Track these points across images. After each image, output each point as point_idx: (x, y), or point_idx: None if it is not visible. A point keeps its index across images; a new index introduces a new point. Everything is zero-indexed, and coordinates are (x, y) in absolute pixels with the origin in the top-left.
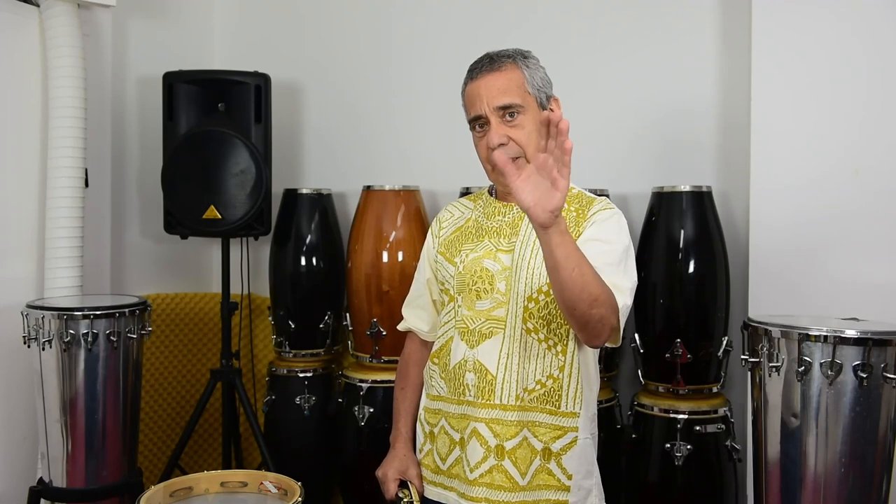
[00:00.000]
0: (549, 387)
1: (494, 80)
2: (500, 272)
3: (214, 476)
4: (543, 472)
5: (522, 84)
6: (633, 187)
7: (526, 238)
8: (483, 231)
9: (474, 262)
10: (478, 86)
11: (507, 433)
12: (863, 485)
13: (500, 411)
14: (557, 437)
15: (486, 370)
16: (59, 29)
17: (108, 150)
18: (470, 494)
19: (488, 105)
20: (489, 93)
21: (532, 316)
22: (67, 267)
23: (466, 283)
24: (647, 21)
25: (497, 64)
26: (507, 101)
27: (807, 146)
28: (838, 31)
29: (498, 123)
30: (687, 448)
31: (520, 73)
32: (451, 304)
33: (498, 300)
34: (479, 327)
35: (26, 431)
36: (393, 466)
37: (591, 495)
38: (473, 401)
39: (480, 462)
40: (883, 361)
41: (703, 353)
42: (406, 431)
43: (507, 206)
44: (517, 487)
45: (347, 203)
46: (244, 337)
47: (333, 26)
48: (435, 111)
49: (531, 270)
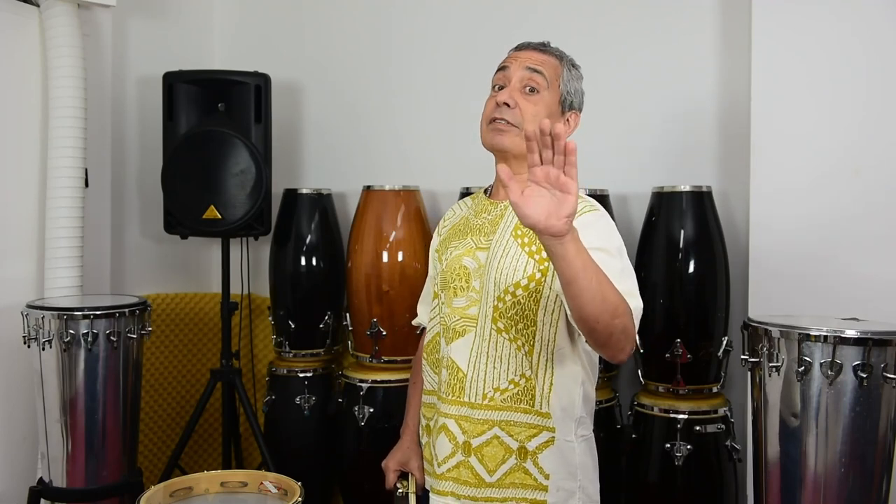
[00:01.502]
0: (521, 386)
1: (535, 56)
2: (475, 270)
3: (214, 476)
4: (519, 470)
5: (558, 74)
6: (633, 187)
7: (501, 236)
8: (469, 229)
9: (455, 259)
10: (518, 53)
11: (475, 430)
12: (863, 485)
13: (468, 409)
14: (532, 435)
15: (458, 367)
16: (59, 29)
17: (108, 150)
18: (438, 488)
19: (519, 66)
20: (524, 59)
21: (501, 315)
22: (67, 267)
23: (447, 281)
24: (648, 21)
25: (546, 49)
26: (539, 67)
27: (807, 146)
28: (838, 32)
29: (516, 89)
30: (687, 448)
31: (560, 67)
32: (436, 300)
33: (472, 298)
34: (454, 325)
35: (26, 431)
36: (395, 458)
37: (573, 497)
38: (444, 397)
39: (448, 457)
40: (883, 361)
41: (703, 353)
42: (413, 424)
43: (494, 204)
44: (483, 484)
45: (347, 203)
46: (244, 337)
47: (333, 26)
48: (435, 111)
49: (500, 269)
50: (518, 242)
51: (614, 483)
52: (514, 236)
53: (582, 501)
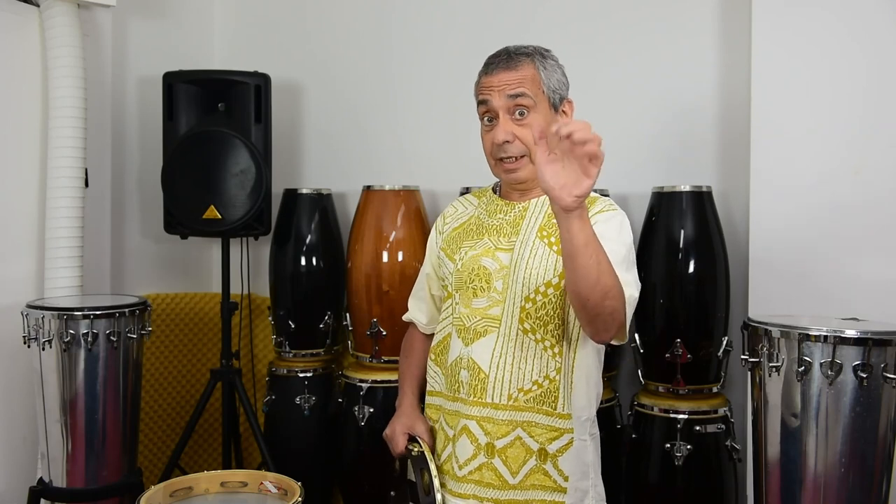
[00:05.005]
0: (545, 387)
1: (509, 77)
2: (497, 271)
3: (214, 476)
4: (539, 472)
5: (538, 83)
6: (633, 187)
7: (526, 237)
8: (484, 229)
9: (473, 259)
10: (491, 80)
11: (498, 432)
12: (863, 485)
13: (491, 410)
14: (553, 438)
15: (479, 368)
16: (59, 29)
17: (108, 150)
18: (458, 491)
19: (499, 96)
20: (501, 87)
21: (529, 316)
22: (67, 267)
23: (464, 281)
24: (648, 22)
25: (514, 62)
26: (520, 90)
27: (807, 146)
28: (838, 32)
29: (506, 120)
30: (687, 448)
31: (536, 72)
32: (450, 301)
33: (494, 299)
34: (475, 325)
35: (26, 431)
36: (399, 422)
37: (587, 497)
38: (465, 398)
39: (470, 459)
40: (883, 361)
41: (703, 353)
42: (411, 392)
43: (510, 205)
44: (507, 486)
45: (347, 203)
46: (244, 337)
47: (334, 26)
48: (435, 111)
49: (529, 270)
50: (545, 243)
51: (614, 483)
52: (539, 237)
53: (595, 500)
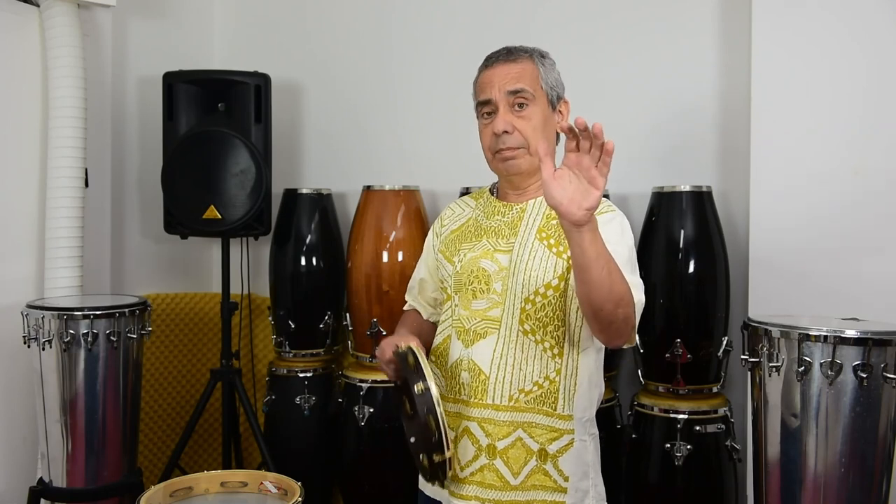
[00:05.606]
0: (545, 388)
1: (509, 69)
2: (496, 272)
3: (214, 476)
4: (539, 472)
5: (537, 78)
6: (633, 187)
7: (524, 239)
8: (482, 231)
9: (471, 261)
10: (491, 73)
11: (499, 433)
12: (863, 485)
13: (492, 411)
14: (554, 438)
15: (480, 370)
16: (59, 29)
17: (108, 150)
18: (460, 493)
19: (499, 90)
20: (501, 79)
21: (529, 317)
22: (67, 267)
23: (463, 283)
24: (648, 22)
25: (514, 56)
26: (519, 86)
27: (806, 146)
28: (838, 32)
29: (506, 111)
30: (687, 448)
31: (535, 67)
32: (449, 303)
33: (494, 300)
34: (474, 327)
35: (26, 431)
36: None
37: (587, 497)
38: (466, 400)
39: (471, 461)
40: (883, 361)
41: (703, 353)
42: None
43: (507, 206)
44: (508, 487)
45: (347, 203)
46: (244, 337)
47: (334, 26)
48: (435, 111)
49: (529, 272)
50: (544, 244)
51: (614, 483)
52: (538, 238)
53: (595, 500)
